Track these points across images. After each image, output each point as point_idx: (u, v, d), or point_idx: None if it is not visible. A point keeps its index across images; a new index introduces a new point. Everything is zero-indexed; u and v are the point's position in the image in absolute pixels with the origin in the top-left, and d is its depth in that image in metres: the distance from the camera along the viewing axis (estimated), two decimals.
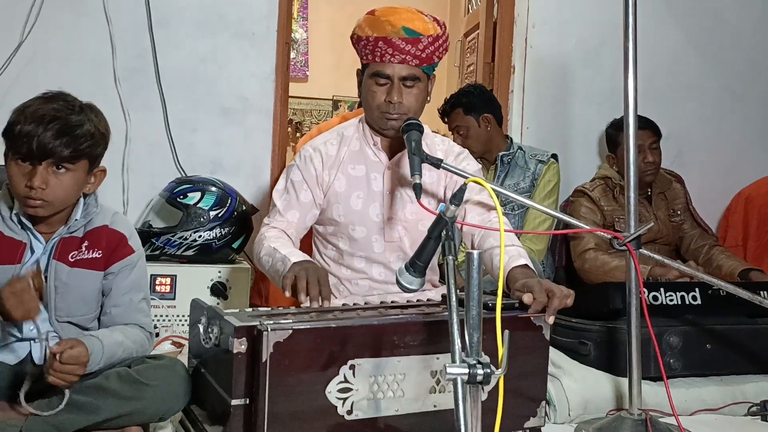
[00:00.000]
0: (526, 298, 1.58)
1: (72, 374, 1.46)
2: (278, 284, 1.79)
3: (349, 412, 1.41)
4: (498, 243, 1.79)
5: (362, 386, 1.42)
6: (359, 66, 2.00)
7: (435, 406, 1.48)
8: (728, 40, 3.40)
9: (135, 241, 1.76)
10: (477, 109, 2.83)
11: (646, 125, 2.78)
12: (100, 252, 1.69)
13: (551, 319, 1.57)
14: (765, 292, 2.14)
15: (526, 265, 1.76)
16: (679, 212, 2.89)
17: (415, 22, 1.86)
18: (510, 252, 1.78)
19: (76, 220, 1.67)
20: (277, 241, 1.86)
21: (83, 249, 1.68)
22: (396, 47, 1.84)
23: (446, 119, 2.94)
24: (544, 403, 1.61)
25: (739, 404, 1.95)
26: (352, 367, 1.41)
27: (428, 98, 1.95)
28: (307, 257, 1.80)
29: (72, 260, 1.66)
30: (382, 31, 1.84)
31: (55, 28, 2.70)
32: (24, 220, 1.65)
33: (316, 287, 1.63)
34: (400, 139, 1.88)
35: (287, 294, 1.66)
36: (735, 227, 3.21)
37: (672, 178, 3.00)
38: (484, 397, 1.47)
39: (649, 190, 2.86)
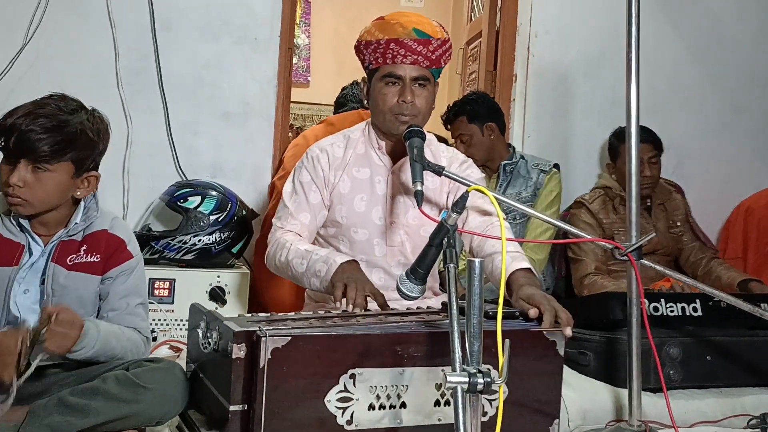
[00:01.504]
0: (532, 312, 1.58)
1: (66, 338, 1.46)
2: (315, 286, 1.79)
3: (349, 422, 1.40)
4: (497, 248, 1.79)
5: (363, 396, 1.41)
6: (361, 72, 2.00)
7: (440, 419, 1.46)
8: (728, 52, 3.41)
9: (134, 247, 1.76)
10: (481, 118, 2.83)
11: (648, 138, 2.76)
12: (99, 256, 1.69)
13: (569, 331, 1.55)
14: (766, 305, 2.13)
15: (528, 268, 1.76)
16: (678, 224, 2.88)
17: (425, 24, 1.89)
18: (511, 255, 1.78)
19: (76, 223, 1.67)
20: (305, 244, 1.89)
21: (82, 252, 1.68)
22: (408, 48, 1.86)
23: (449, 127, 2.94)
24: (557, 420, 1.58)
25: (738, 417, 1.95)
26: (353, 376, 1.40)
27: (433, 105, 1.96)
28: (350, 257, 1.82)
29: (70, 263, 1.66)
30: (393, 33, 1.86)
31: (59, 30, 2.70)
32: (22, 221, 1.64)
33: (363, 294, 1.66)
34: (404, 144, 1.88)
35: (337, 297, 1.67)
36: (735, 239, 3.20)
37: (672, 188, 2.99)
38: (492, 412, 1.48)
39: (649, 201, 2.85)
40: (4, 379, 1.44)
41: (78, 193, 1.65)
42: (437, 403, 1.46)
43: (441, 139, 2.43)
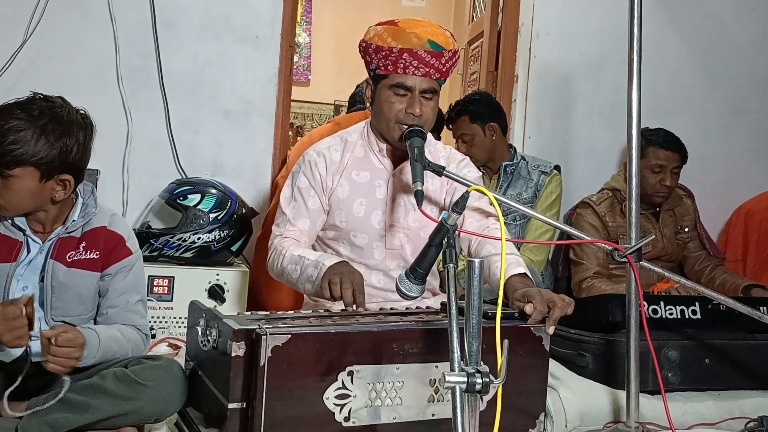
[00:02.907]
0: (528, 308, 1.57)
1: (70, 357, 1.46)
2: (309, 291, 1.79)
3: (347, 419, 1.41)
4: (495, 250, 1.79)
5: (360, 393, 1.41)
6: (362, 71, 1.99)
7: (433, 415, 1.47)
8: (729, 54, 3.40)
9: (133, 243, 1.76)
10: (483, 118, 2.82)
11: (677, 148, 2.71)
12: (98, 253, 1.69)
13: (551, 330, 1.57)
14: (765, 308, 2.14)
15: (524, 273, 1.75)
16: (686, 230, 2.82)
17: (439, 36, 1.86)
18: (508, 260, 1.78)
19: (73, 220, 1.67)
20: (299, 249, 1.87)
21: (81, 249, 1.68)
22: (421, 60, 1.83)
23: (451, 126, 2.93)
24: (543, 415, 1.60)
25: (736, 419, 1.95)
26: (351, 373, 1.41)
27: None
28: (339, 258, 1.81)
29: (69, 260, 1.66)
30: (407, 43, 1.83)
31: (60, 26, 2.70)
32: (16, 220, 1.64)
33: (350, 291, 1.64)
34: (404, 147, 1.87)
35: (327, 297, 1.66)
36: (735, 242, 3.20)
37: (684, 194, 2.93)
38: (483, 407, 1.48)
39: (658, 206, 2.80)
40: (21, 344, 1.46)
41: (56, 196, 1.61)
42: (431, 399, 1.47)
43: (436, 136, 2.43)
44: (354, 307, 1.63)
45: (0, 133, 1.52)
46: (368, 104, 1.98)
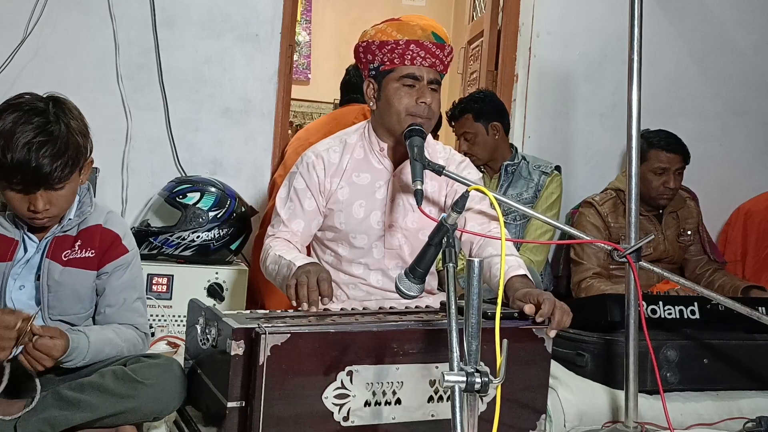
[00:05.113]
0: (528, 308, 1.58)
1: (39, 362, 1.45)
2: (284, 291, 1.78)
3: (346, 419, 1.41)
4: (497, 252, 1.79)
5: (359, 393, 1.41)
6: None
7: (433, 415, 1.47)
8: (729, 56, 3.41)
9: (129, 241, 1.75)
10: (487, 117, 2.82)
11: (679, 150, 2.70)
12: (93, 251, 1.68)
13: (553, 333, 1.57)
14: (763, 308, 2.14)
15: (525, 275, 1.76)
16: (689, 232, 2.82)
17: (439, 29, 1.90)
18: (509, 261, 1.78)
19: (69, 219, 1.66)
20: (282, 249, 1.87)
21: (76, 248, 1.67)
22: (428, 50, 1.86)
23: (453, 123, 2.93)
24: (544, 416, 1.59)
25: (734, 420, 1.95)
26: (350, 373, 1.40)
27: None
28: (311, 259, 1.80)
29: (65, 259, 1.65)
30: (413, 35, 1.86)
31: (59, 24, 2.69)
32: (18, 219, 1.63)
33: (315, 291, 1.62)
34: (405, 147, 1.87)
35: (292, 302, 1.65)
36: (734, 242, 3.20)
37: (688, 196, 2.91)
38: (483, 408, 1.48)
39: (661, 208, 2.79)
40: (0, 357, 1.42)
41: (83, 181, 1.66)
42: (431, 399, 1.47)
43: None
44: (319, 304, 1.62)
45: (53, 156, 1.49)
46: (370, 104, 1.97)
